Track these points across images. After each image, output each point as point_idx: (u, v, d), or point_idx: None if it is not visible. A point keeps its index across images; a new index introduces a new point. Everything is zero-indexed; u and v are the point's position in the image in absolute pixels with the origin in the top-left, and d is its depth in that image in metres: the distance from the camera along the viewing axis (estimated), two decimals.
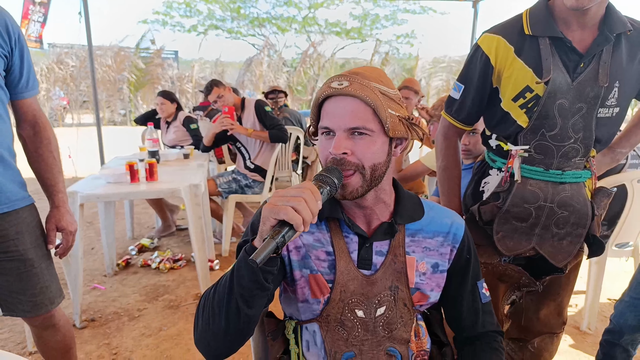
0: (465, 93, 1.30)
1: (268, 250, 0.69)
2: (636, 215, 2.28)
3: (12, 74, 1.38)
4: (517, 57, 1.19)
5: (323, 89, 0.89)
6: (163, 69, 17.67)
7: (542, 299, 1.39)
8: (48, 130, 1.50)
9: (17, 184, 1.42)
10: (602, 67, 1.15)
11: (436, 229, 0.98)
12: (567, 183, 1.24)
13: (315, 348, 0.96)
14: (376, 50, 19.46)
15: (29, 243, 1.43)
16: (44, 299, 1.48)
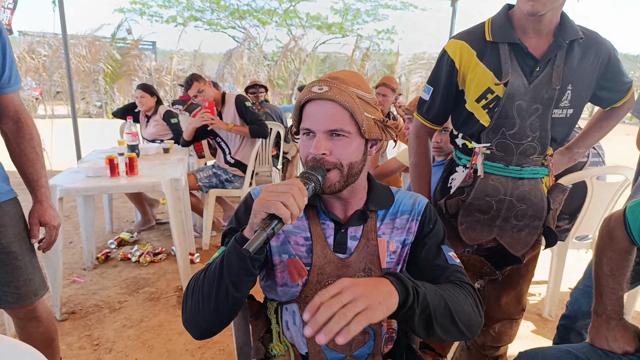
0: (434, 95, 1.40)
1: (260, 241, 0.77)
2: (595, 210, 2.43)
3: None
4: (479, 61, 1.30)
5: (305, 92, 0.97)
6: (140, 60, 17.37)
7: (503, 287, 1.50)
8: (30, 126, 1.52)
9: (0, 178, 1.44)
10: (555, 71, 1.27)
11: (402, 209, 1.07)
12: (525, 179, 1.35)
13: (295, 327, 1.05)
14: (357, 46, 19.53)
15: (12, 236, 1.46)
16: (27, 291, 1.51)
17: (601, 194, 2.44)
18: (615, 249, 1.19)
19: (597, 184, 2.41)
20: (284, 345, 1.06)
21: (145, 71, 17.30)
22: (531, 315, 2.69)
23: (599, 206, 2.44)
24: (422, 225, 1.07)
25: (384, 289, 0.77)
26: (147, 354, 2.20)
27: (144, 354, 2.20)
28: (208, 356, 2.20)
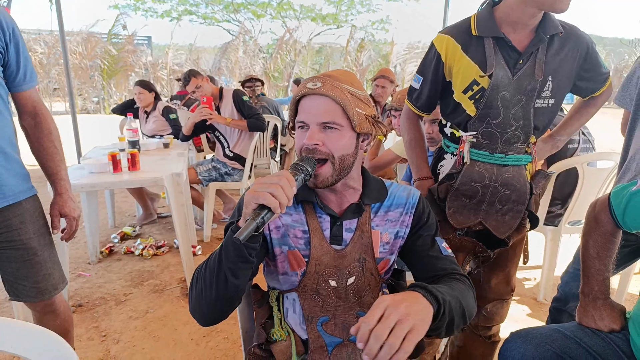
0: (423, 84, 1.48)
1: (249, 230, 0.83)
2: (586, 195, 2.50)
3: (9, 68, 1.43)
4: (464, 54, 1.37)
5: (300, 88, 1.03)
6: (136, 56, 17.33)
7: (492, 270, 1.57)
8: (49, 121, 1.56)
9: (20, 176, 1.49)
10: (537, 64, 1.34)
11: (396, 202, 1.13)
12: (509, 165, 1.43)
13: (295, 314, 1.11)
14: (351, 37, 19.50)
15: (32, 232, 1.51)
16: (47, 285, 1.56)
17: (592, 179, 2.51)
18: (601, 232, 1.25)
19: (587, 170, 2.47)
20: (285, 330, 1.12)
21: (142, 66, 17.25)
22: (526, 299, 2.76)
23: (590, 192, 2.51)
24: (417, 217, 1.13)
25: (420, 305, 0.81)
26: (154, 344, 2.27)
27: (151, 344, 2.27)
28: (213, 344, 2.27)
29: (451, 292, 0.92)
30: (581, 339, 1.21)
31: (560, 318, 1.91)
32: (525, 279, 3.05)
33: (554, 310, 1.96)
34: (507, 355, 1.25)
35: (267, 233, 1.08)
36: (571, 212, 2.57)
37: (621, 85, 1.83)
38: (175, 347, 2.24)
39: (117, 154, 2.72)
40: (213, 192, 3.65)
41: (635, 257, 1.76)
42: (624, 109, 1.82)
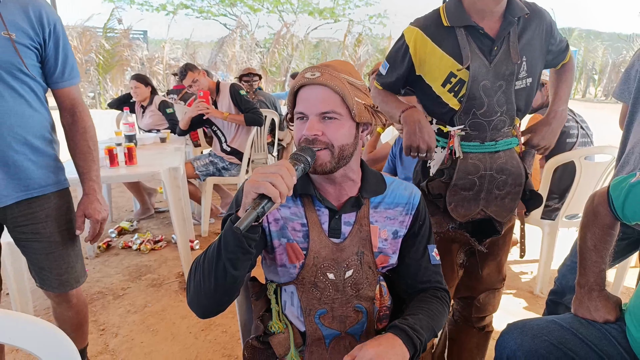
0: (389, 71, 1.49)
1: (250, 219, 0.82)
2: (584, 189, 2.50)
3: (48, 65, 1.44)
4: (436, 47, 1.37)
5: (298, 79, 1.02)
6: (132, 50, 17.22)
7: (484, 259, 1.58)
8: (85, 120, 1.56)
9: (50, 169, 1.50)
10: (512, 47, 1.35)
11: (396, 200, 1.13)
12: (501, 151, 1.44)
13: (292, 307, 1.11)
14: (349, 31, 19.44)
15: (57, 226, 1.53)
16: (69, 278, 1.59)
17: (589, 173, 2.52)
18: (599, 224, 1.26)
19: (585, 164, 2.48)
20: (283, 323, 1.12)
21: (137, 61, 17.15)
22: (523, 292, 2.78)
23: (587, 185, 2.51)
24: (415, 220, 1.14)
25: (400, 353, 0.91)
26: (152, 338, 2.27)
27: (149, 338, 2.27)
28: (211, 338, 2.27)
29: (428, 323, 1.01)
30: (577, 329, 1.22)
31: (556, 310, 1.92)
32: (522, 272, 3.07)
33: (551, 303, 1.97)
34: (504, 346, 1.25)
35: (265, 225, 1.07)
36: (568, 206, 2.57)
37: (620, 80, 1.83)
38: (174, 341, 2.25)
39: (113, 148, 2.71)
40: (210, 187, 3.65)
41: (632, 250, 1.77)
42: (623, 102, 1.82)
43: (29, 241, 1.51)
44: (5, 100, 1.36)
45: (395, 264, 1.15)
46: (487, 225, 1.51)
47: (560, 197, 2.67)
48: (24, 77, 1.38)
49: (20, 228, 1.49)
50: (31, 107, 1.42)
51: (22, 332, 0.87)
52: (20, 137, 1.40)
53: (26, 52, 1.36)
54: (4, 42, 1.31)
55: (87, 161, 1.57)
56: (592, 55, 22.81)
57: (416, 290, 1.15)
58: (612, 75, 21.07)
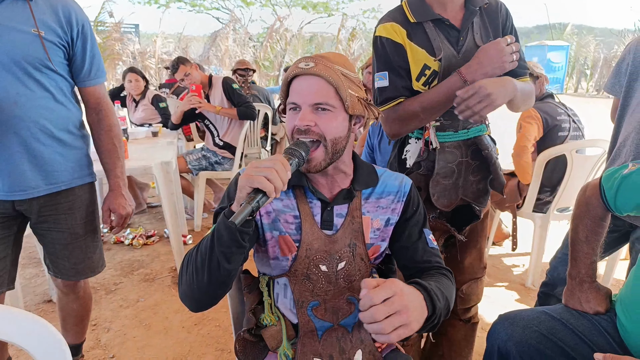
0: (391, 76, 1.42)
1: (245, 214, 0.82)
2: (575, 182, 2.52)
3: (75, 63, 1.49)
4: (409, 40, 1.38)
5: (292, 69, 1.01)
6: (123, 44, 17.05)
7: (465, 248, 1.59)
8: (110, 118, 1.61)
9: (77, 163, 1.55)
10: (476, 37, 1.38)
11: (387, 190, 1.13)
12: (472, 137, 1.47)
13: (285, 299, 1.11)
14: (343, 25, 19.37)
15: (79, 219, 1.58)
16: (85, 267, 1.64)
17: (580, 166, 2.53)
18: (591, 216, 1.26)
19: (576, 157, 2.50)
20: (275, 315, 1.12)
21: (129, 55, 16.99)
22: (515, 285, 2.80)
23: (578, 179, 2.53)
24: (407, 206, 1.14)
25: (420, 306, 0.86)
26: (145, 332, 2.26)
27: (142, 332, 2.26)
28: (204, 332, 2.27)
29: (443, 293, 0.96)
30: (567, 320, 1.23)
31: (548, 302, 1.94)
32: (514, 265, 3.09)
33: (542, 295, 1.99)
34: (495, 337, 1.26)
35: (257, 218, 1.07)
36: (560, 199, 2.59)
37: (611, 73, 1.84)
38: (167, 335, 2.24)
39: None
40: (203, 181, 3.63)
41: (622, 243, 1.78)
42: (614, 96, 1.83)
43: (49, 230, 1.55)
44: (32, 94, 1.40)
45: (385, 252, 1.16)
46: (465, 212, 1.54)
47: (552, 190, 2.68)
48: (50, 72, 1.43)
49: (43, 217, 1.53)
50: (57, 102, 1.47)
51: (12, 326, 0.86)
52: (47, 130, 1.44)
53: (53, 49, 1.41)
54: (33, 38, 1.36)
55: (112, 158, 1.63)
56: (584, 51, 22.91)
57: (418, 269, 1.12)
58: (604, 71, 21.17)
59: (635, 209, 1.15)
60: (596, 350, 1.13)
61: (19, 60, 1.35)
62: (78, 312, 1.77)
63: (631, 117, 1.68)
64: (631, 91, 1.72)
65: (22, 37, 1.35)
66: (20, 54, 1.35)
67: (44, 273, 2.78)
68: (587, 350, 1.16)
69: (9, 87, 1.35)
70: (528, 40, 26.38)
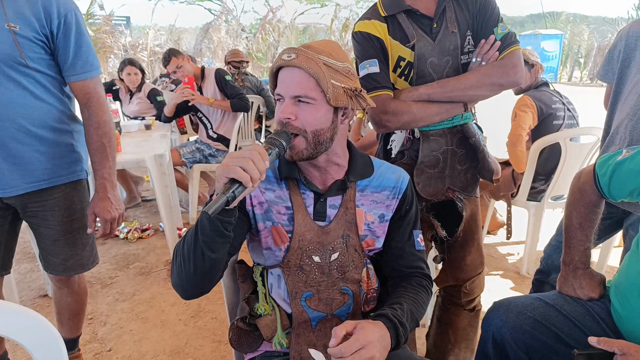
0: (380, 65, 1.39)
1: (219, 204, 0.81)
2: (569, 170, 2.53)
3: (59, 57, 1.41)
4: (388, 34, 1.39)
5: (276, 60, 1.01)
6: (114, 37, 16.86)
7: (464, 246, 1.60)
8: (99, 115, 1.50)
9: (62, 160, 1.49)
10: (449, 22, 1.39)
11: (384, 184, 1.13)
12: (457, 125, 1.45)
13: (279, 289, 1.11)
14: (336, 15, 19.25)
15: (67, 216, 1.54)
16: (74, 264, 1.61)
17: (575, 154, 2.54)
18: (585, 202, 1.27)
19: (570, 145, 2.50)
20: (270, 305, 1.12)
21: (121, 47, 16.82)
22: (510, 273, 2.82)
23: (573, 167, 2.54)
24: (402, 204, 1.14)
25: (385, 344, 0.92)
26: (142, 325, 2.26)
27: (138, 325, 2.26)
28: (201, 324, 2.27)
29: (414, 315, 1.03)
30: (562, 306, 1.24)
31: (542, 289, 1.95)
32: (508, 253, 3.11)
33: (537, 282, 2.00)
34: (490, 323, 1.27)
35: (249, 209, 1.07)
36: (554, 187, 2.60)
37: (603, 61, 1.84)
38: (163, 328, 2.24)
39: None
40: (197, 174, 3.62)
41: (616, 229, 1.79)
42: (607, 83, 1.83)
43: (39, 226, 1.54)
44: (9, 92, 1.34)
45: (382, 248, 1.15)
46: (449, 210, 1.53)
47: (546, 179, 2.69)
48: (26, 69, 1.36)
49: (30, 213, 1.51)
50: (37, 99, 1.40)
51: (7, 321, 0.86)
52: (25, 129, 1.39)
53: (29, 45, 1.34)
54: (6, 34, 1.29)
55: (100, 157, 1.51)
56: (578, 39, 22.89)
57: (401, 275, 1.15)
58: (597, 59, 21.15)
59: (628, 196, 1.16)
60: (590, 336, 1.14)
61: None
62: (73, 307, 1.76)
63: (624, 104, 1.69)
64: (624, 78, 1.71)
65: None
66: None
67: (39, 268, 2.77)
68: (581, 336, 1.17)
69: None
70: (522, 30, 26.36)
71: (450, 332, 1.73)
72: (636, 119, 1.60)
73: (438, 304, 1.77)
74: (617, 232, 1.87)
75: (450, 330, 1.73)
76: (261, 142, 5.06)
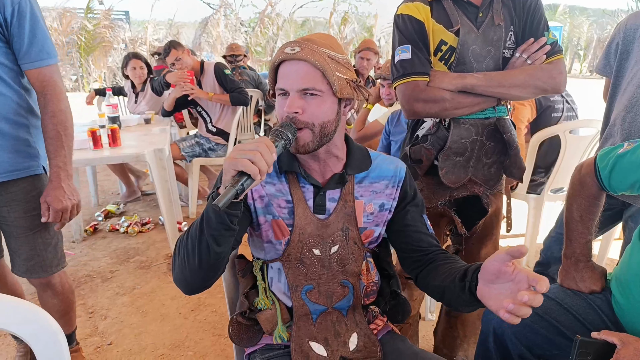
0: (414, 50, 1.39)
1: (229, 197, 0.80)
2: (569, 163, 2.52)
3: (14, 45, 1.39)
4: (431, 16, 1.38)
5: (278, 54, 0.99)
6: (114, 31, 16.79)
7: (481, 240, 1.60)
8: (55, 103, 1.47)
9: (20, 154, 1.46)
10: (496, 13, 1.38)
11: (382, 174, 1.13)
12: (490, 117, 1.44)
13: (279, 283, 1.11)
14: (334, 9, 19.16)
15: (22, 212, 1.49)
16: (35, 265, 1.55)
17: (574, 147, 2.53)
18: (585, 195, 1.26)
19: (570, 138, 2.50)
20: (270, 299, 1.12)
21: (120, 42, 16.76)
22: None
23: (572, 159, 2.53)
24: (404, 191, 1.13)
25: None
26: (142, 319, 2.27)
27: (139, 319, 2.27)
28: (201, 318, 2.28)
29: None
30: (562, 300, 1.24)
31: None
32: (508, 246, 3.08)
33: None
34: (491, 317, 1.27)
35: (250, 202, 1.06)
36: (554, 179, 2.60)
37: (601, 54, 1.83)
38: (164, 322, 2.25)
39: (96, 129, 2.66)
40: (197, 168, 3.61)
41: (616, 221, 1.79)
42: (605, 77, 1.82)
43: (0, 224, 1.51)
44: None
45: (381, 237, 1.15)
46: (474, 205, 1.52)
47: (546, 171, 2.69)
48: None
49: None
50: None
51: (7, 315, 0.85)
52: None
53: None
54: None
55: (55, 146, 1.47)
56: (578, 31, 22.83)
57: (420, 261, 1.11)
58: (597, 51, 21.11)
59: (629, 189, 1.15)
60: (591, 329, 1.14)
61: None
62: (60, 307, 1.69)
63: (622, 97, 1.68)
64: (622, 70, 1.71)
65: None
66: None
67: None
68: (582, 329, 1.17)
69: None
70: None
71: (459, 326, 1.73)
72: (634, 112, 1.60)
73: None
74: (617, 224, 1.87)
75: (459, 325, 1.73)
76: (261, 135, 5.06)
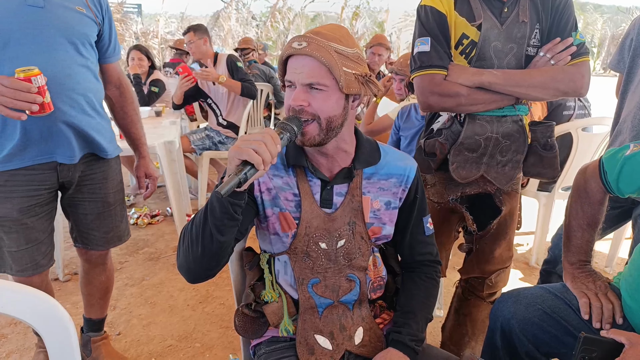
0: (433, 43, 1.38)
1: (231, 185, 0.81)
2: (581, 160, 2.49)
3: (102, 41, 1.55)
4: (454, 9, 1.36)
5: (286, 48, 1.00)
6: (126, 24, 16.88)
7: (495, 240, 1.58)
8: (130, 91, 1.72)
9: (110, 135, 1.62)
10: (522, 10, 1.34)
11: (391, 172, 1.12)
12: (507, 116, 1.41)
13: (286, 276, 1.12)
14: (346, 4, 19.06)
15: (111, 188, 1.66)
16: (113, 236, 1.71)
17: (586, 144, 2.51)
18: (589, 201, 1.23)
19: (582, 135, 2.47)
20: (276, 292, 1.13)
21: (132, 35, 16.84)
22: (519, 263, 2.80)
23: (584, 157, 2.51)
24: (410, 193, 1.14)
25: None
26: (150, 310, 2.29)
27: (147, 310, 2.29)
28: (209, 310, 2.30)
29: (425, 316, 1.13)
30: (570, 300, 1.23)
31: (549, 279, 1.94)
32: (518, 244, 3.09)
33: (544, 272, 1.99)
34: (499, 314, 1.26)
35: (257, 195, 1.07)
36: (565, 177, 2.57)
37: (616, 50, 1.81)
38: (172, 313, 2.27)
39: None
40: (207, 161, 3.63)
41: (625, 219, 1.77)
42: (619, 72, 1.80)
43: (83, 201, 1.61)
44: (80, 68, 1.44)
45: (390, 236, 1.15)
46: (488, 204, 1.51)
47: None
48: (91, 49, 1.49)
49: (79, 187, 1.58)
50: (95, 77, 1.54)
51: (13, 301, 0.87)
52: (92, 102, 1.51)
53: (92, 26, 1.47)
54: (80, 16, 1.43)
55: (138, 128, 1.74)
56: (591, 28, 22.49)
57: (410, 264, 1.20)
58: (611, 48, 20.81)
59: (637, 190, 1.13)
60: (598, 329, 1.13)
61: (70, 37, 1.40)
62: (104, 284, 1.81)
63: (634, 94, 1.66)
64: (635, 67, 1.69)
65: (72, 15, 1.40)
66: (71, 31, 1.40)
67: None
68: (589, 329, 1.16)
69: (62, 61, 1.39)
70: None
71: (468, 324, 1.72)
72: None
73: (457, 295, 1.76)
74: (626, 222, 1.85)
75: (468, 322, 1.72)
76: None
